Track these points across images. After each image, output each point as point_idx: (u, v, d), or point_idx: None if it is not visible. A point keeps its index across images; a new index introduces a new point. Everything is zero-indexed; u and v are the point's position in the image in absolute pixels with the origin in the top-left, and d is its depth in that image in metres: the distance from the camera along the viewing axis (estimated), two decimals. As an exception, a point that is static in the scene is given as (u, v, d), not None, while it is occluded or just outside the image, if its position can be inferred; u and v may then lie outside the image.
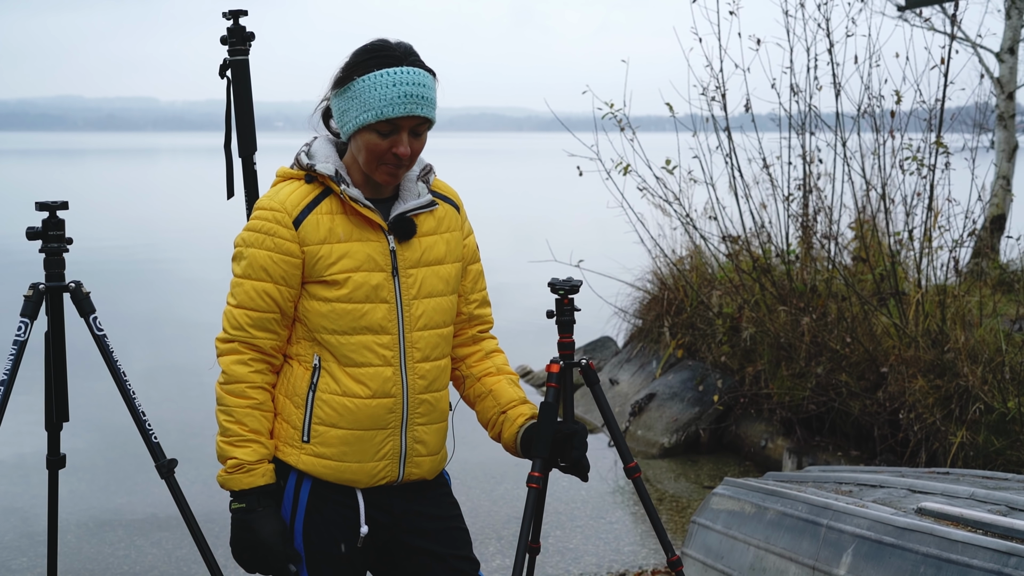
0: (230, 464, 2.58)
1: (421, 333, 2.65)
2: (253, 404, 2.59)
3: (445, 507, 2.79)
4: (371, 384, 2.59)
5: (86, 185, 41.18)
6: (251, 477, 2.57)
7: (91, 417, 7.91)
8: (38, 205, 3.32)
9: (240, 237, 2.61)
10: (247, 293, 2.56)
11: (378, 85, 2.49)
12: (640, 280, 9.40)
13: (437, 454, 2.75)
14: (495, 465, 7.05)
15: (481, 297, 2.88)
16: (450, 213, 2.76)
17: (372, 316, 2.58)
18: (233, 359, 2.58)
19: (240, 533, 2.58)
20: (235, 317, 2.58)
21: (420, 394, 2.66)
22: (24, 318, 3.28)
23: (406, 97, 2.49)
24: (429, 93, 2.53)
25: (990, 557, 3.16)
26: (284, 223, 2.55)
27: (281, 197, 2.58)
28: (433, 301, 2.67)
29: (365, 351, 2.59)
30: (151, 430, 3.33)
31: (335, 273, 2.56)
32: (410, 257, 2.64)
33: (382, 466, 2.64)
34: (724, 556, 4.15)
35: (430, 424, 2.70)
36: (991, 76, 10.46)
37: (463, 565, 2.76)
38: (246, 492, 2.57)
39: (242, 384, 2.58)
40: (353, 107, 2.53)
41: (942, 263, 7.20)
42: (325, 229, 2.56)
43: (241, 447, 2.58)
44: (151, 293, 15.05)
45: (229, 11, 3.55)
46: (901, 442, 6.47)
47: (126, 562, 5.61)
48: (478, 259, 2.87)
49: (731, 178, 7.84)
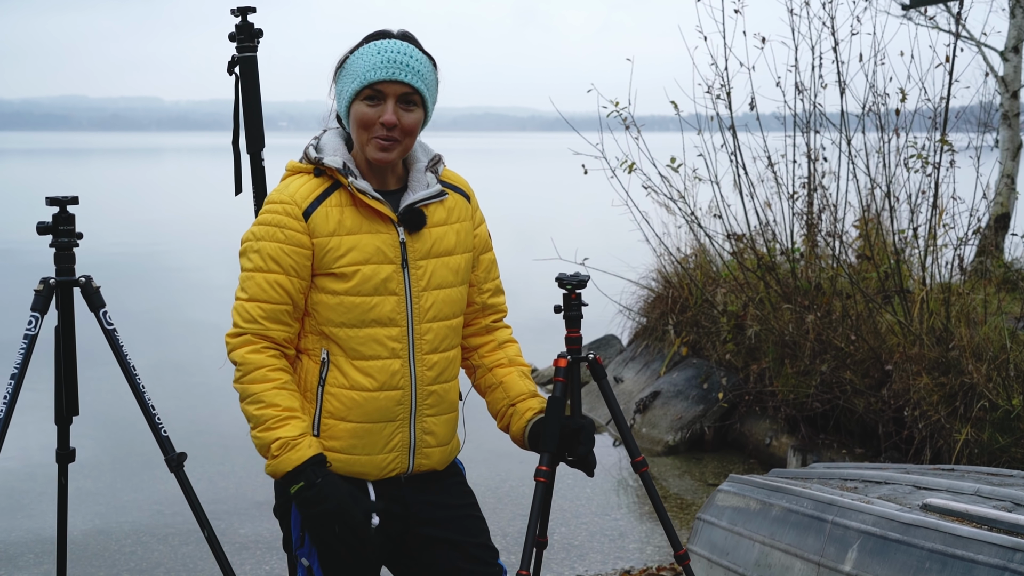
0: (274, 447, 2.50)
1: (430, 325, 2.65)
2: (279, 384, 2.54)
3: (459, 496, 2.78)
4: (378, 377, 2.59)
5: (92, 184, 41.18)
6: (298, 452, 2.50)
7: (100, 411, 7.94)
8: (48, 200, 3.34)
9: (249, 232, 2.62)
10: (259, 285, 2.56)
11: (365, 55, 2.56)
12: (645, 278, 9.41)
13: (447, 445, 2.75)
14: (500, 462, 7.06)
15: (494, 286, 2.88)
16: (460, 203, 2.76)
17: (381, 309, 2.58)
18: (247, 350, 2.56)
19: (310, 511, 2.50)
20: (247, 310, 2.57)
21: (429, 385, 2.66)
22: (35, 312, 3.30)
23: (389, 63, 2.53)
24: (415, 64, 2.56)
25: (995, 553, 3.17)
26: (294, 215, 2.56)
27: (291, 190, 2.59)
28: (443, 292, 2.67)
29: (373, 344, 2.59)
30: (160, 424, 3.35)
31: (343, 266, 2.56)
32: (420, 248, 2.64)
33: (391, 458, 2.65)
34: (729, 552, 4.16)
35: (439, 415, 2.71)
36: (995, 75, 10.45)
37: (481, 552, 2.74)
38: (300, 469, 2.49)
39: (262, 369, 2.54)
40: (344, 84, 2.59)
41: (946, 261, 7.20)
42: (335, 221, 2.57)
43: (280, 427, 2.51)
44: (157, 290, 15.07)
45: (237, 8, 3.57)
46: (906, 439, 6.47)
47: (133, 558, 5.62)
48: (490, 248, 2.87)
49: (736, 176, 7.84)
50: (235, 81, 3.60)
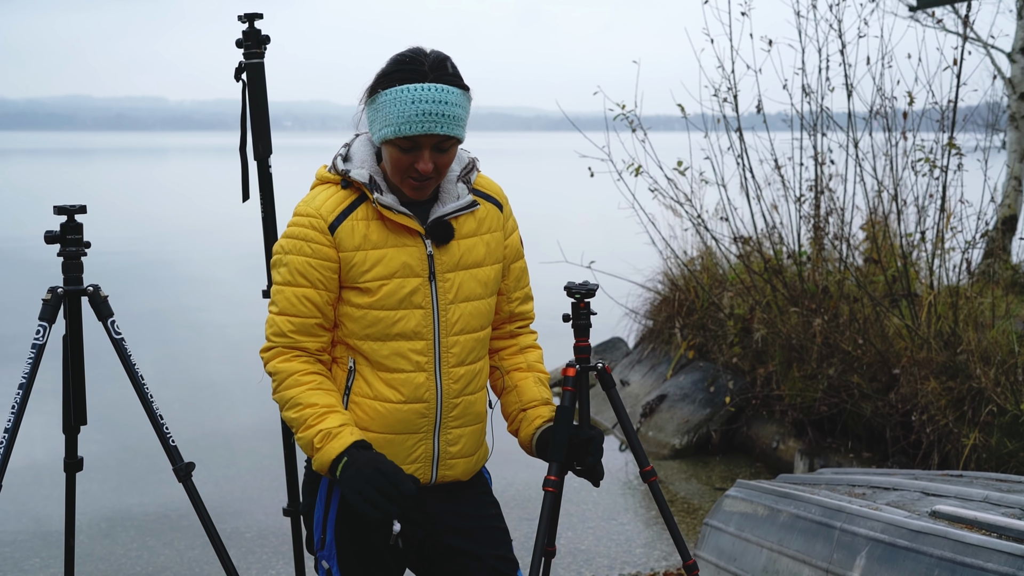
0: (316, 440, 2.47)
1: (457, 338, 2.63)
2: (314, 385, 2.54)
3: (483, 506, 2.77)
4: (403, 390, 2.59)
5: (97, 185, 41.24)
6: (340, 440, 2.46)
7: (108, 420, 7.94)
8: (56, 209, 3.33)
9: (279, 244, 2.61)
10: (288, 299, 2.56)
11: (398, 101, 2.45)
12: (651, 281, 9.40)
13: (472, 456, 2.73)
14: (507, 467, 7.04)
15: (523, 294, 2.86)
16: (492, 213, 2.73)
17: (406, 323, 2.57)
18: (280, 360, 2.57)
19: (357, 484, 2.40)
20: (278, 324, 2.57)
21: (454, 398, 2.65)
22: (42, 322, 3.29)
23: (425, 115, 2.44)
24: (452, 111, 2.47)
25: (1004, 560, 3.15)
26: (320, 228, 2.54)
27: (317, 203, 2.58)
28: (471, 305, 2.65)
29: (398, 358, 2.58)
30: (168, 433, 3.34)
31: (369, 280, 2.55)
32: (448, 261, 2.62)
33: (414, 469, 2.64)
34: (737, 558, 4.15)
35: (464, 427, 2.69)
36: (1003, 77, 10.43)
37: (501, 565, 2.74)
38: (344, 453, 2.45)
39: (295, 375, 2.55)
40: (378, 119, 2.51)
41: (954, 264, 7.19)
42: (360, 235, 2.55)
43: (319, 421, 2.49)
44: (163, 293, 15.07)
45: (244, 14, 3.56)
46: (913, 444, 6.45)
47: (139, 563, 5.62)
48: (521, 256, 2.85)
49: (743, 179, 7.83)
50: (242, 87, 3.59)
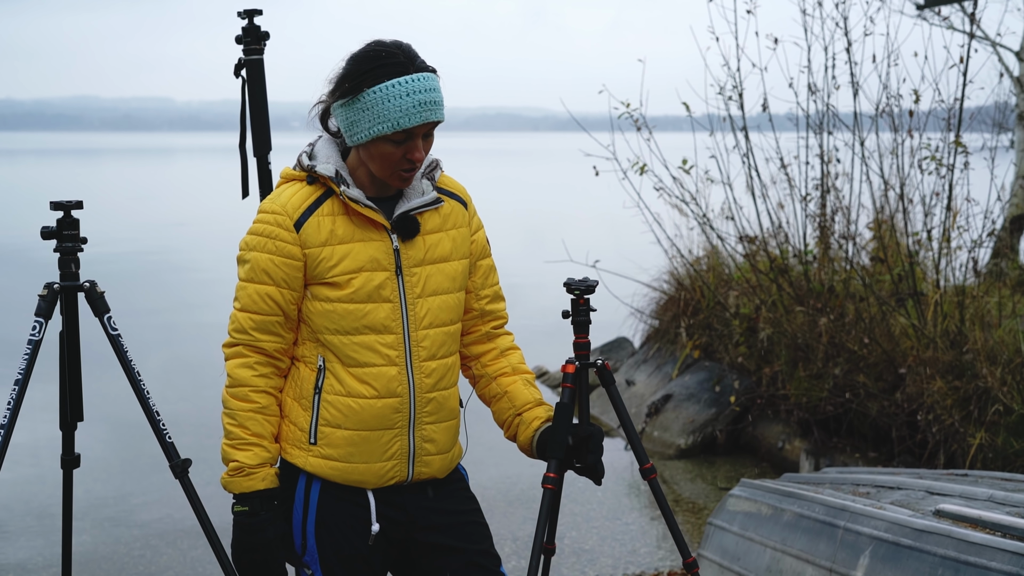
0: (232, 467, 2.59)
1: (427, 331, 2.64)
2: (256, 408, 2.60)
3: (461, 502, 2.76)
4: (375, 384, 2.59)
5: (103, 185, 41.33)
6: (251, 481, 2.58)
7: (105, 416, 7.93)
8: (52, 204, 3.32)
9: (244, 240, 2.62)
10: (250, 296, 2.58)
11: (391, 96, 2.48)
12: (656, 280, 9.38)
13: (447, 452, 2.73)
14: (510, 466, 7.03)
15: (492, 292, 2.86)
16: (457, 210, 2.75)
17: (374, 316, 2.58)
18: (238, 363, 2.60)
19: (241, 535, 2.60)
20: (239, 321, 2.60)
21: (427, 393, 2.65)
22: (39, 318, 3.27)
23: (421, 105, 2.48)
24: (439, 96, 2.53)
25: (1008, 560, 3.13)
26: (285, 226, 2.55)
27: (283, 200, 2.59)
28: (438, 299, 2.66)
29: (367, 351, 2.58)
30: (165, 430, 3.32)
31: (337, 275, 2.56)
32: (414, 256, 2.63)
33: (390, 466, 2.63)
34: (741, 558, 4.13)
35: (439, 423, 2.69)
36: (1010, 75, 10.38)
37: (482, 559, 2.72)
38: (248, 496, 2.58)
39: (245, 388, 2.59)
40: (364, 119, 2.51)
41: (961, 263, 7.15)
42: (327, 231, 2.56)
43: (243, 450, 2.58)
44: (168, 291, 15.09)
45: (244, 10, 3.54)
46: (919, 444, 6.43)
47: (141, 562, 5.61)
48: (488, 254, 2.85)
49: (748, 178, 7.81)
50: (242, 84, 3.58)
